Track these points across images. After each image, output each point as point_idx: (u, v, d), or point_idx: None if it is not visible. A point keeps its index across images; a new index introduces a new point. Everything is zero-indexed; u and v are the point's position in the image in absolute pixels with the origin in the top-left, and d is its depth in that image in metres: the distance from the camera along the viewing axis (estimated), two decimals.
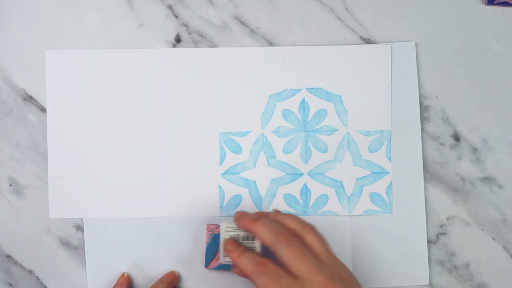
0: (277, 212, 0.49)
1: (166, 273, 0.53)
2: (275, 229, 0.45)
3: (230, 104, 0.54)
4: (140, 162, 0.54)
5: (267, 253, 0.45)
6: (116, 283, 0.52)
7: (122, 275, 0.53)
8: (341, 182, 0.53)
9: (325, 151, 0.54)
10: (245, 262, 0.45)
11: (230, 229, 0.48)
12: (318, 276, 0.42)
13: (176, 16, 0.55)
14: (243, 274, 0.46)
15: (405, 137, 0.54)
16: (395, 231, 0.53)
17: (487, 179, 0.54)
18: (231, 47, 0.54)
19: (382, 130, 0.53)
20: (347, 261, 0.53)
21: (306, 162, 0.54)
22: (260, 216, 0.47)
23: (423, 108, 0.54)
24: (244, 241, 0.48)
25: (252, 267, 0.44)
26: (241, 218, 0.48)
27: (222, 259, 0.48)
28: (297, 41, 0.54)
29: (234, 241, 0.47)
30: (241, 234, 0.48)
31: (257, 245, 0.47)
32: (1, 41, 0.55)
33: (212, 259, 0.53)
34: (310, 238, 0.45)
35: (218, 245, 0.52)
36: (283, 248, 0.43)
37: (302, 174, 0.54)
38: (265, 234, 0.45)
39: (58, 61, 0.54)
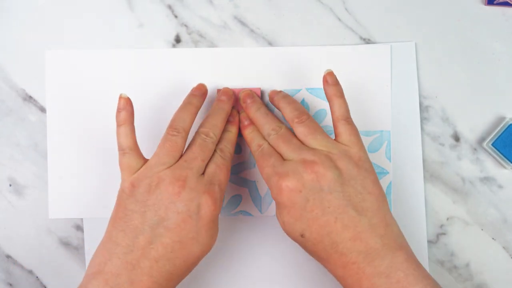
0: (282, 97, 0.51)
1: (195, 86, 0.52)
2: (269, 122, 0.49)
3: None
4: None
5: None
6: (118, 108, 0.47)
7: (120, 96, 0.47)
8: None
9: None
10: (251, 135, 0.50)
11: None
12: (301, 156, 0.45)
13: (176, 16, 0.55)
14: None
15: (405, 137, 0.54)
16: None
17: (487, 179, 0.54)
18: (231, 47, 0.54)
19: (382, 130, 0.53)
20: None
21: None
22: (261, 107, 0.51)
23: (423, 108, 0.54)
24: None
25: (255, 145, 0.49)
26: (245, 101, 0.51)
27: None
28: (297, 41, 0.54)
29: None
30: None
31: None
32: (1, 41, 0.55)
33: None
34: (298, 131, 0.47)
35: None
36: (272, 138, 0.48)
37: None
38: (260, 126, 0.49)
39: (58, 61, 0.54)
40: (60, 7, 0.55)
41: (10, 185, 0.54)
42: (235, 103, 0.52)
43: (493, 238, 0.54)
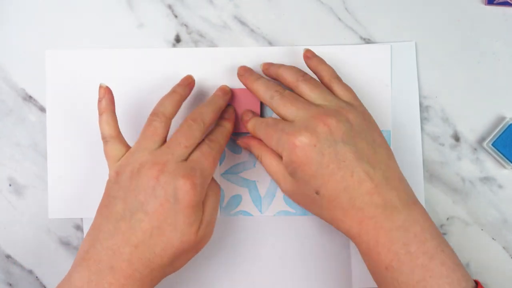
0: (280, 65, 0.50)
1: (184, 77, 0.51)
2: (271, 86, 0.48)
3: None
4: None
5: None
6: (98, 98, 0.48)
7: (100, 86, 0.48)
8: None
9: None
10: (260, 89, 0.49)
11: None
12: (309, 112, 0.44)
13: (176, 16, 0.55)
14: (247, 144, 0.51)
15: (405, 137, 0.54)
16: None
17: (487, 179, 0.54)
18: (231, 47, 0.54)
19: (382, 130, 0.53)
20: (346, 260, 0.53)
21: None
22: (260, 77, 0.50)
23: (423, 108, 0.54)
24: None
25: (254, 121, 0.49)
26: (244, 74, 0.51)
27: None
28: (297, 41, 0.54)
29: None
30: None
31: None
32: (1, 41, 0.55)
33: None
34: (302, 88, 0.47)
35: None
36: (275, 100, 0.47)
37: None
38: (262, 91, 0.48)
39: (58, 61, 0.54)
40: (60, 7, 0.55)
41: (10, 185, 0.54)
42: (232, 101, 0.52)
43: (493, 238, 0.54)
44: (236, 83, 0.53)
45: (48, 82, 0.54)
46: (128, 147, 0.47)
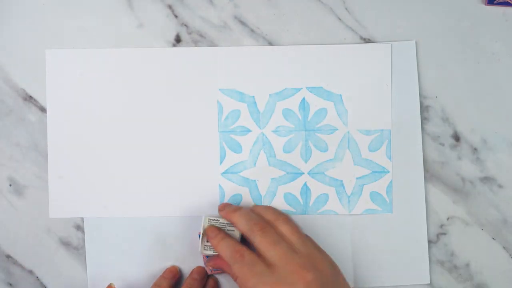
0: (255, 205, 0.52)
1: (168, 268, 0.53)
2: (251, 219, 0.49)
3: (230, 104, 0.54)
4: (140, 161, 0.54)
5: (247, 243, 0.48)
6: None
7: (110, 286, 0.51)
8: (341, 181, 0.54)
9: (325, 150, 0.54)
10: (224, 248, 0.48)
11: (212, 220, 0.50)
12: (290, 263, 0.45)
13: (176, 16, 0.55)
14: (219, 265, 0.50)
15: (405, 137, 0.54)
16: (395, 231, 0.53)
17: (487, 179, 0.54)
18: (231, 47, 0.54)
19: (382, 130, 0.53)
20: (347, 260, 0.53)
21: (306, 161, 0.54)
22: (240, 208, 0.51)
23: (423, 108, 0.54)
24: (225, 230, 0.50)
25: (230, 253, 0.47)
26: (223, 208, 0.51)
27: (202, 250, 0.50)
28: (297, 41, 0.54)
29: (216, 228, 0.50)
30: (222, 224, 0.50)
31: (236, 233, 0.50)
32: (1, 41, 0.55)
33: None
34: (283, 228, 0.48)
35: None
36: (256, 236, 0.47)
37: (302, 173, 0.54)
38: (242, 223, 0.49)
39: (58, 61, 0.54)
40: (60, 7, 0.55)
41: (10, 185, 0.54)
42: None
43: (493, 238, 0.54)
44: (236, 83, 0.54)
45: (48, 82, 0.54)
46: None
